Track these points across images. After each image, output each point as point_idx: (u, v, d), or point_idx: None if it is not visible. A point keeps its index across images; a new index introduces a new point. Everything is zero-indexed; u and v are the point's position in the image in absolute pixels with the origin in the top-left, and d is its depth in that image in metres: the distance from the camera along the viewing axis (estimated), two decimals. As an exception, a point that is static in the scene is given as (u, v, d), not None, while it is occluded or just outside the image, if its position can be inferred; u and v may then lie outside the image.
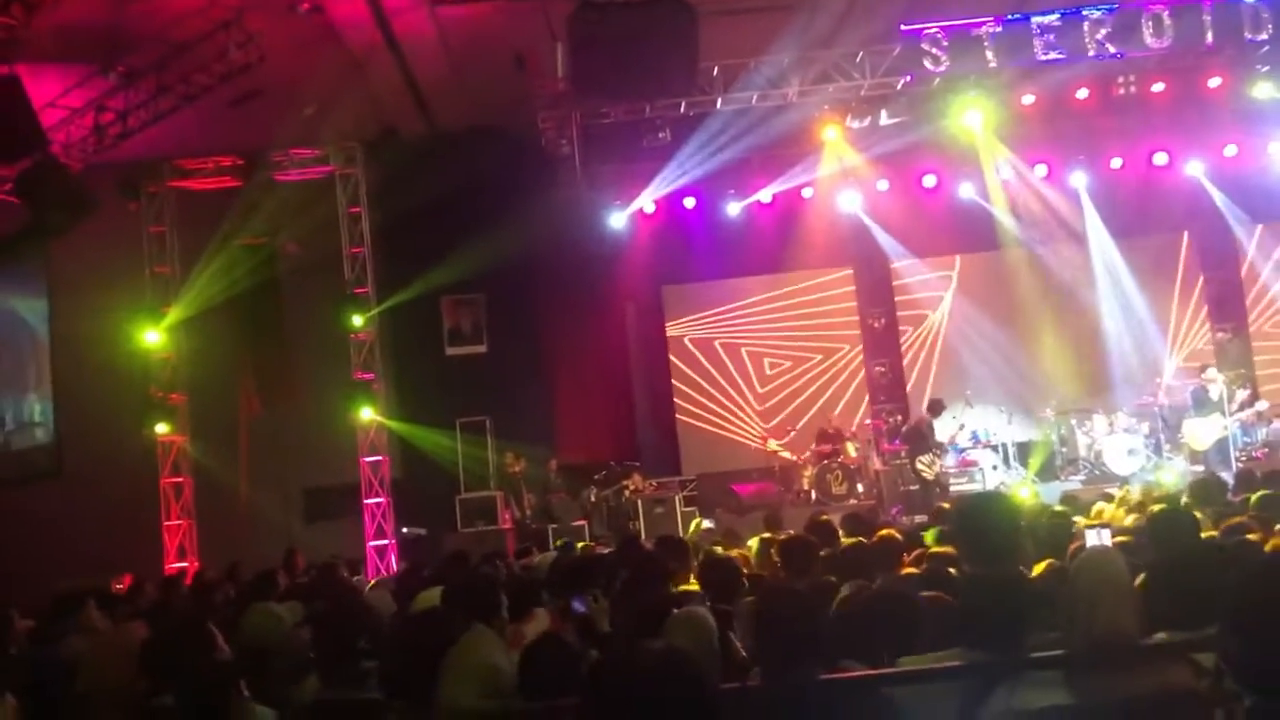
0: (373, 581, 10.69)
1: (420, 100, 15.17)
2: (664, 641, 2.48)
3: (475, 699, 3.70)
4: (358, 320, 15.34)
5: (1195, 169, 16.65)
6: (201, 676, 3.71)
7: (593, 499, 15.32)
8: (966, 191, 16.66)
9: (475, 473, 15.17)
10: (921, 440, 14.68)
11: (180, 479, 15.39)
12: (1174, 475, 12.28)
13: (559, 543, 11.35)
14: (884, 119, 15.05)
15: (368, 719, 3.63)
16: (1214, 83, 14.91)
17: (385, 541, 15.08)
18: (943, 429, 15.11)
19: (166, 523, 15.15)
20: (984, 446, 15.27)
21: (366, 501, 15.17)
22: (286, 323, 16.18)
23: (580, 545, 10.38)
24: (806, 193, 16.47)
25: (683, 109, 14.63)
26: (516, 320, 16.19)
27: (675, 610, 4.19)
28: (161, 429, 15.12)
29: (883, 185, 16.47)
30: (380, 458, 15.34)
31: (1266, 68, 14.84)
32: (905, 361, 17.60)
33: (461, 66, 14.01)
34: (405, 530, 15.14)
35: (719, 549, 8.20)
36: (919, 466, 14.50)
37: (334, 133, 14.91)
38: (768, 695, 3.06)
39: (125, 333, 15.29)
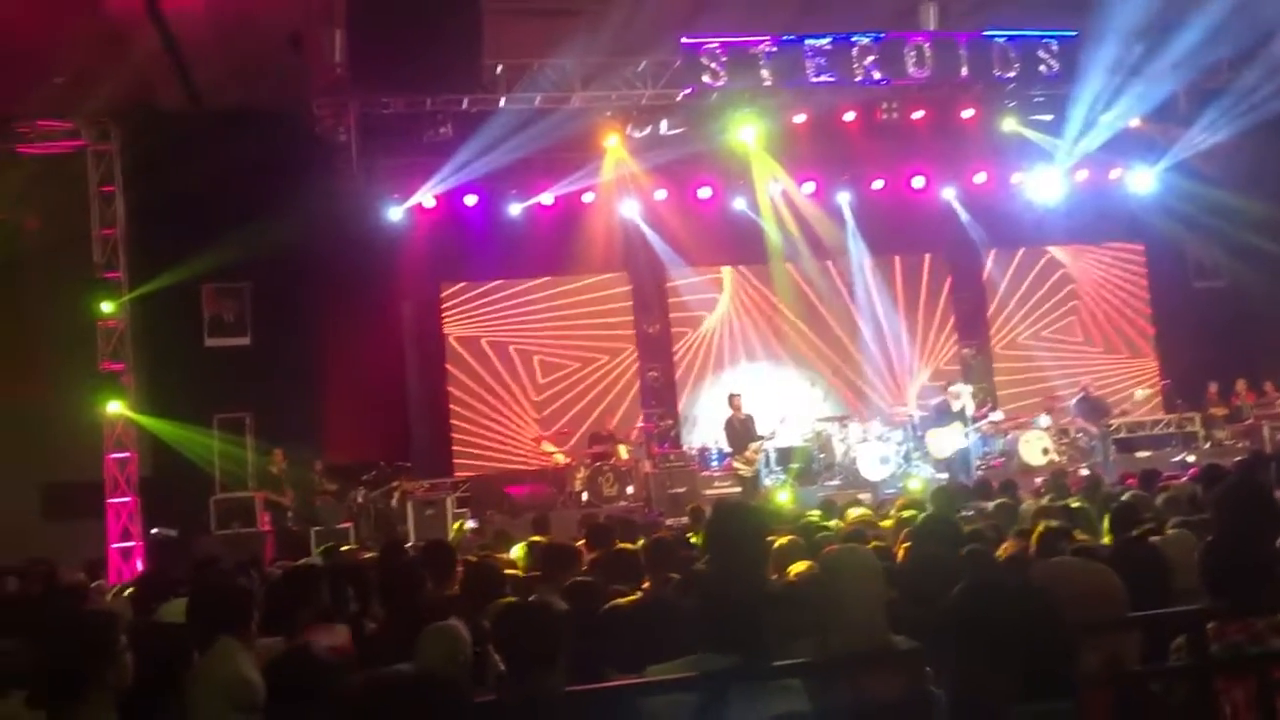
0: (115, 587, 10.00)
1: (186, 77, 14.28)
2: (411, 666, 2.41)
3: (228, 714, 3.51)
4: (107, 307, 14.36)
5: (948, 194, 17.81)
6: None
7: (360, 500, 14.85)
8: (739, 205, 17.23)
9: (233, 473, 14.44)
10: (736, 437, 14.91)
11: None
12: (920, 482, 13.06)
13: (320, 549, 10.81)
14: (664, 129, 15.42)
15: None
16: (967, 114, 16.04)
17: (131, 544, 14.18)
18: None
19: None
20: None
21: (111, 501, 14.22)
22: (27, 305, 14.91)
23: (345, 549, 10.01)
24: (587, 197, 16.60)
25: (465, 105, 14.46)
26: (284, 312, 15.44)
27: (431, 623, 4.10)
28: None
29: (660, 194, 16.80)
30: (128, 454, 14.41)
31: (1013, 103, 16.09)
32: (678, 369, 17.99)
33: (232, 44, 13.30)
34: (154, 531, 14.26)
35: (487, 552, 8.15)
36: (736, 465, 14.83)
37: (88, 105, 13.88)
38: (517, 708, 3.03)
39: None
